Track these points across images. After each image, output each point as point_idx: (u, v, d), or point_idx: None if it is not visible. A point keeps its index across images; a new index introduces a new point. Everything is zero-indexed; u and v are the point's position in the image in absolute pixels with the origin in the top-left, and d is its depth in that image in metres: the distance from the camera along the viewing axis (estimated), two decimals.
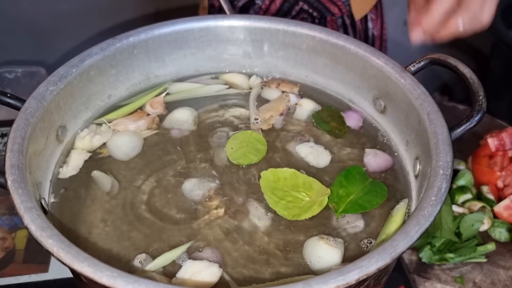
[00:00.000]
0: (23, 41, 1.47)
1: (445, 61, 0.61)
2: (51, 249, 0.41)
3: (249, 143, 0.65)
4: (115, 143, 0.66)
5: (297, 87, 0.76)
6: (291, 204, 0.56)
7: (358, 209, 0.56)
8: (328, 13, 1.14)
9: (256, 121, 0.69)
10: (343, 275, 0.39)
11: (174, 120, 0.70)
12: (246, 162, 0.63)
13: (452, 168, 0.50)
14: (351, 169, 0.61)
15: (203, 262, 0.51)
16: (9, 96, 0.58)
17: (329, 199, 0.57)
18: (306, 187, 0.58)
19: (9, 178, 0.47)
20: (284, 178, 0.59)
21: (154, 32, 0.71)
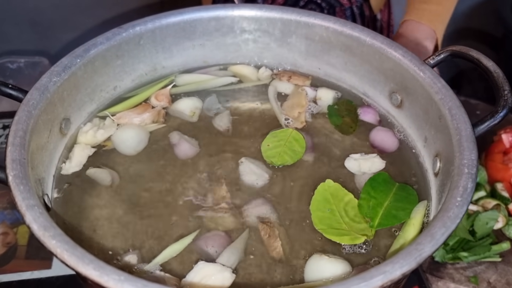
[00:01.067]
0: (25, 31, 1.44)
1: (467, 54, 0.58)
2: (54, 250, 0.39)
3: (287, 142, 0.62)
4: (120, 137, 0.63)
5: (309, 80, 0.73)
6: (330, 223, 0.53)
7: (394, 221, 0.53)
8: (337, 3, 1.12)
9: (288, 121, 0.66)
10: (366, 281, 0.37)
11: (180, 109, 0.67)
12: (280, 162, 0.60)
13: (477, 166, 0.47)
14: (375, 177, 0.58)
15: (215, 266, 0.49)
16: (10, 87, 0.55)
17: (361, 212, 0.54)
18: (353, 218, 0.54)
19: (10, 173, 0.45)
20: (340, 199, 0.55)
21: (161, 22, 0.68)
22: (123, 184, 0.58)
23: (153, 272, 0.49)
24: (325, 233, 0.52)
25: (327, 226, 0.52)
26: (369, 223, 0.53)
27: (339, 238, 0.51)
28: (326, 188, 0.56)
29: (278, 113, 0.67)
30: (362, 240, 0.52)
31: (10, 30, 1.43)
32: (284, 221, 0.55)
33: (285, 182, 0.59)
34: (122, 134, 0.64)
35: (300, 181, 0.59)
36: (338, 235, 0.51)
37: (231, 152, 0.62)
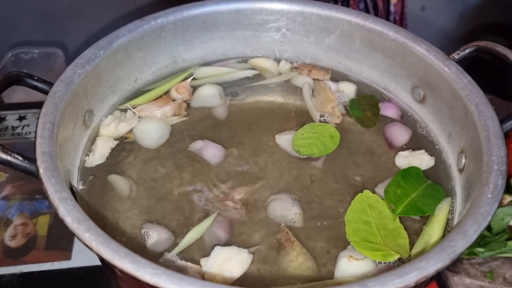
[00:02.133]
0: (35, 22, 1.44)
1: (493, 49, 0.58)
2: (89, 243, 0.39)
3: (322, 136, 0.62)
4: (142, 130, 0.63)
5: (328, 74, 0.73)
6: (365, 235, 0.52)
7: (417, 212, 0.53)
8: None
9: (323, 117, 0.66)
10: (401, 277, 0.37)
11: (201, 97, 0.68)
12: (306, 152, 0.60)
13: (507, 163, 0.47)
14: (409, 169, 0.57)
15: (232, 248, 0.49)
16: (36, 79, 0.55)
17: (386, 198, 0.54)
18: (390, 232, 0.52)
19: (41, 166, 0.45)
20: (379, 211, 0.54)
21: (182, 14, 0.68)
22: (143, 178, 0.58)
23: (174, 261, 0.50)
24: (356, 246, 0.50)
25: (361, 239, 0.51)
26: (392, 209, 0.53)
27: (371, 253, 0.49)
28: (364, 199, 0.54)
29: (313, 110, 0.66)
30: (395, 257, 0.49)
31: (20, 21, 1.42)
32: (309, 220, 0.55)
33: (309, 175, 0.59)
34: (144, 127, 0.64)
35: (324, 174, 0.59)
36: (370, 249, 0.49)
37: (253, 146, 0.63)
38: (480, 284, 0.82)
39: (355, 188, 0.57)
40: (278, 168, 0.60)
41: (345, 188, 0.57)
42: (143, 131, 0.63)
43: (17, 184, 0.84)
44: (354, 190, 0.57)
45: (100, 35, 0.62)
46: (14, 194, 0.82)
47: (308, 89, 0.70)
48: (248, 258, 0.49)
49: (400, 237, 0.52)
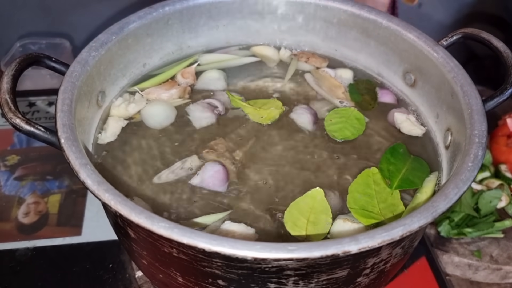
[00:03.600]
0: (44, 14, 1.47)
1: (478, 36, 0.62)
2: (109, 202, 0.43)
3: (348, 119, 0.66)
4: (149, 112, 0.68)
5: (326, 62, 0.77)
6: (364, 205, 0.55)
7: (411, 185, 0.57)
8: None
9: (342, 103, 0.70)
10: (388, 232, 0.41)
11: (206, 79, 0.72)
12: (341, 136, 0.64)
13: (487, 137, 0.52)
14: (395, 146, 0.62)
15: (240, 225, 0.53)
16: (54, 61, 0.59)
17: (381, 175, 0.58)
18: (389, 206, 0.56)
19: (62, 136, 0.49)
20: (382, 188, 0.57)
21: (189, 2, 0.72)
22: (150, 154, 0.62)
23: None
24: (354, 212, 0.54)
25: (360, 207, 0.55)
26: (389, 184, 0.57)
27: (365, 220, 0.53)
28: (370, 175, 0.58)
29: (329, 97, 0.71)
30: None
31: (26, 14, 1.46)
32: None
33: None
34: (151, 109, 0.68)
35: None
36: (366, 217, 0.53)
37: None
38: (468, 262, 0.87)
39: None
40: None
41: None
42: (150, 113, 0.67)
43: (29, 165, 0.88)
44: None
45: (107, 27, 0.66)
46: (26, 175, 0.86)
47: (312, 79, 0.74)
48: (253, 236, 0.53)
49: (397, 210, 0.56)
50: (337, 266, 0.45)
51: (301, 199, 0.55)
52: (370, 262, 0.47)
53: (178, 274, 0.50)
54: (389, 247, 0.47)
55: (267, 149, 0.63)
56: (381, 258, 0.48)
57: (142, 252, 0.52)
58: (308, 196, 0.55)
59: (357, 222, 0.53)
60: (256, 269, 0.44)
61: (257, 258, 0.40)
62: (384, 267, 0.50)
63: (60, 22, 1.47)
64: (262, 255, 0.39)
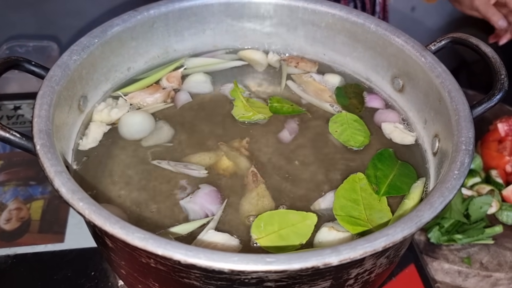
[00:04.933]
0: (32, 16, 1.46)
1: (467, 41, 0.61)
2: (83, 211, 0.42)
3: (350, 124, 0.65)
4: (125, 121, 0.65)
5: (316, 66, 0.76)
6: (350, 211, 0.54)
7: (398, 191, 0.56)
8: None
9: (332, 106, 0.69)
10: (370, 243, 0.40)
11: (192, 83, 0.72)
12: (358, 144, 0.63)
13: (474, 144, 0.51)
14: (382, 152, 0.61)
15: (224, 235, 0.52)
16: (33, 64, 0.58)
17: (368, 181, 0.57)
18: (377, 213, 0.55)
19: (38, 142, 0.48)
20: (369, 193, 0.56)
21: (174, 6, 0.71)
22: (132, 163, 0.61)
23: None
24: (340, 220, 0.53)
25: (346, 214, 0.53)
26: (376, 191, 0.56)
27: (352, 227, 0.52)
28: (357, 180, 0.57)
29: (318, 102, 0.70)
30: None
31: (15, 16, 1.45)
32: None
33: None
34: (127, 119, 0.66)
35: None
36: (353, 224, 0.52)
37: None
38: (458, 269, 0.86)
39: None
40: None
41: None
42: (125, 123, 0.65)
43: (12, 170, 0.86)
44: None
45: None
46: (9, 180, 0.85)
47: (295, 85, 0.73)
48: (237, 247, 0.51)
49: (385, 217, 0.54)
50: (319, 277, 0.44)
51: (291, 213, 0.54)
52: (354, 272, 0.46)
53: (157, 285, 0.48)
54: (373, 258, 0.46)
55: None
56: (365, 269, 0.47)
57: (121, 262, 0.50)
58: (300, 215, 0.53)
59: (343, 231, 0.51)
60: (235, 281, 0.43)
61: (234, 270, 0.38)
62: (369, 277, 0.49)
63: (49, 24, 1.46)
64: (239, 267, 0.38)
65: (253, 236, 0.52)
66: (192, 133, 0.65)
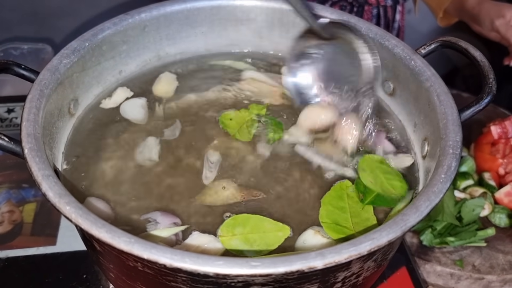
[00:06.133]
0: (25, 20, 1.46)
1: (456, 44, 0.62)
2: (69, 215, 0.42)
3: (378, 168, 0.60)
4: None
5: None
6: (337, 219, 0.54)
7: (384, 204, 0.56)
8: (366, 3, 1.17)
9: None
10: (355, 246, 0.40)
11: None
12: (398, 191, 0.58)
13: (461, 148, 0.51)
14: (369, 158, 0.60)
15: (209, 236, 0.52)
16: (23, 68, 0.58)
17: (356, 188, 0.57)
18: (363, 221, 0.54)
19: (26, 146, 0.48)
20: (356, 201, 0.56)
21: (166, 9, 0.71)
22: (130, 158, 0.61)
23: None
24: (326, 227, 0.52)
25: (332, 221, 0.53)
26: (361, 199, 0.56)
27: (337, 235, 0.51)
28: (344, 188, 0.57)
29: (336, 164, 0.62)
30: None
31: (10, 18, 1.45)
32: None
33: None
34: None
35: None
36: (338, 232, 0.52)
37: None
38: (450, 271, 0.86)
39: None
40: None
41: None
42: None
43: (4, 173, 0.86)
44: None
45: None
46: (2, 183, 0.85)
47: (303, 149, 0.64)
48: (221, 248, 0.51)
49: (371, 226, 0.54)
50: (306, 280, 0.44)
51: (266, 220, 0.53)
52: (341, 276, 0.46)
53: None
54: (359, 261, 0.46)
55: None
56: (352, 272, 0.47)
57: (109, 265, 0.50)
58: (275, 225, 0.53)
59: (328, 238, 0.51)
60: (221, 284, 0.43)
61: (219, 274, 0.38)
62: (357, 281, 0.49)
63: (44, 27, 1.46)
64: (224, 271, 0.38)
65: (218, 233, 0.52)
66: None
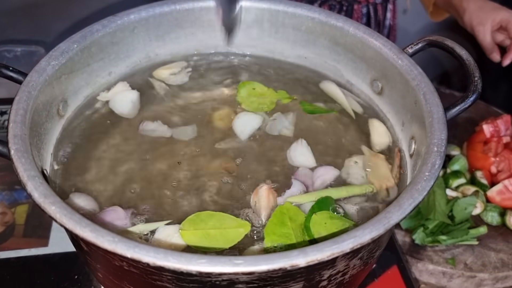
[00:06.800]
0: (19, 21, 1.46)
1: (442, 43, 0.62)
2: (54, 215, 0.42)
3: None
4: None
5: None
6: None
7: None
8: (355, 1, 1.18)
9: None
10: (337, 244, 0.40)
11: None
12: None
13: (446, 146, 0.51)
14: (323, 200, 0.55)
15: (176, 227, 0.52)
16: (11, 70, 0.58)
17: (306, 232, 0.52)
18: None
19: (12, 147, 0.48)
20: (299, 223, 0.53)
21: (155, 10, 0.71)
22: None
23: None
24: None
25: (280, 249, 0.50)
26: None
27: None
28: (285, 211, 0.53)
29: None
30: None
31: (3, 21, 1.45)
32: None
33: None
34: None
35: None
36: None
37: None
38: (442, 270, 0.86)
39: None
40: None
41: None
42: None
43: None
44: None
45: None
46: None
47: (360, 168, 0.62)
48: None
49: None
50: (290, 278, 0.44)
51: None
52: (326, 274, 0.46)
53: (132, 287, 0.49)
54: (344, 259, 0.46)
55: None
56: (337, 270, 0.47)
57: (96, 265, 0.51)
58: (235, 221, 0.53)
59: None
60: (206, 283, 0.43)
61: (202, 272, 0.39)
62: (343, 279, 0.50)
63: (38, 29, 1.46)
64: (207, 269, 0.39)
65: (179, 226, 0.52)
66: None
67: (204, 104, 0.71)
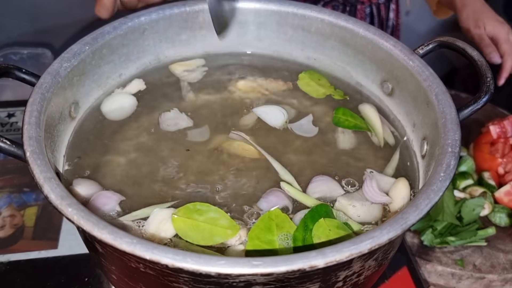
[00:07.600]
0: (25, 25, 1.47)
1: (454, 44, 0.62)
2: (71, 217, 0.42)
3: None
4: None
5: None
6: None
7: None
8: (358, 2, 1.18)
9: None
10: (356, 245, 0.41)
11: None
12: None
13: (460, 146, 0.51)
14: (317, 208, 0.53)
15: (169, 211, 0.53)
16: (24, 72, 0.58)
17: (294, 243, 0.50)
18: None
19: (27, 149, 0.48)
20: (286, 231, 0.51)
21: (165, 13, 0.71)
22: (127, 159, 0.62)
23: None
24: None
25: (260, 254, 0.49)
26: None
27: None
28: (273, 218, 0.52)
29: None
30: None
31: (10, 23, 1.45)
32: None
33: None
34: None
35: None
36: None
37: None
38: (451, 271, 0.86)
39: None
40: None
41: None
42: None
43: (5, 177, 0.86)
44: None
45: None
46: (3, 187, 0.85)
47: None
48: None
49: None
50: (307, 280, 0.44)
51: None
52: (342, 275, 0.46)
53: None
54: (360, 260, 0.46)
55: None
56: (353, 271, 0.47)
57: (111, 267, 0.51)
58: (228, 222, 0.51)
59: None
60: (223, 284, 0.43)
61: (221, 274, 0.39)
62: (358, 280, 0.50)
63: (44, 31, 1.46)
64: (226, 271, 0.38)
65: (174, 210, 0.52)
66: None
67: (215, 104, 0.71)
